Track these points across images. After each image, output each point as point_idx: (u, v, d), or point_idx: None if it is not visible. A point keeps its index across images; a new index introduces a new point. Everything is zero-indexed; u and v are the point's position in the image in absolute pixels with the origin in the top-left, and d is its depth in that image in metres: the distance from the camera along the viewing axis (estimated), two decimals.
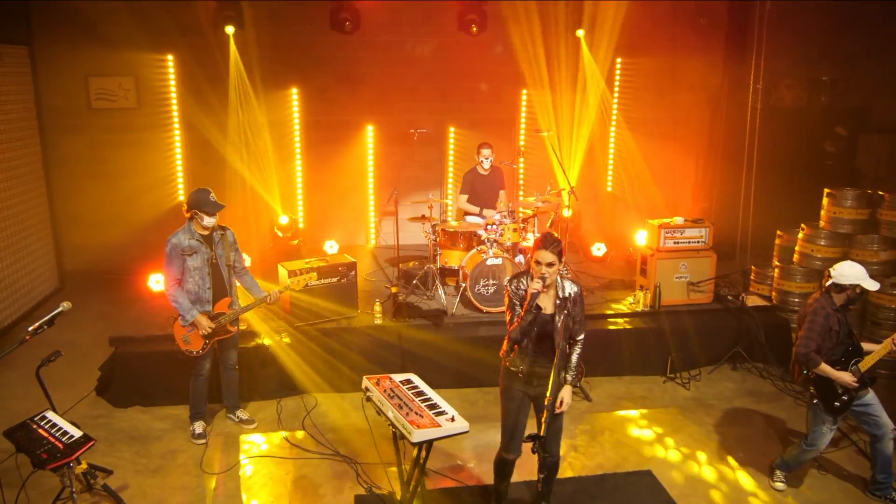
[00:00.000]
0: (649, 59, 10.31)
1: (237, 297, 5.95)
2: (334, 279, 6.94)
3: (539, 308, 4.32)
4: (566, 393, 4.45)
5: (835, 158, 10.16)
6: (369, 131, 10.08)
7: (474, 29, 9.27)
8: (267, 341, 6.74)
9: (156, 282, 7.80)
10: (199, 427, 5.98)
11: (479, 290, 7.20)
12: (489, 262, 7.15)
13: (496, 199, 8.31)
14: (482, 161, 8.16)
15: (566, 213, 8.76)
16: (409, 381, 4.56)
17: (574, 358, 4.54)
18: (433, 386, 6.64)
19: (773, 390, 6.87)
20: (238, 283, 6.00)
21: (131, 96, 9.47)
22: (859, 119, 10.18)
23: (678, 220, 7.44)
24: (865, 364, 4.89)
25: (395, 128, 10.13)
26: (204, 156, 9.62)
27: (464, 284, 7.27)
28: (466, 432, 4.11)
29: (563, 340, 4.38)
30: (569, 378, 4.49)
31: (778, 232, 8.13)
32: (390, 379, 4.57)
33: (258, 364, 6.65)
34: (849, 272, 4.88)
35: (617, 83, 10.51)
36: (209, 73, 9.33)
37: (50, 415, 4.27)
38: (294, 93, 9.74)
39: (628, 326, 7.23)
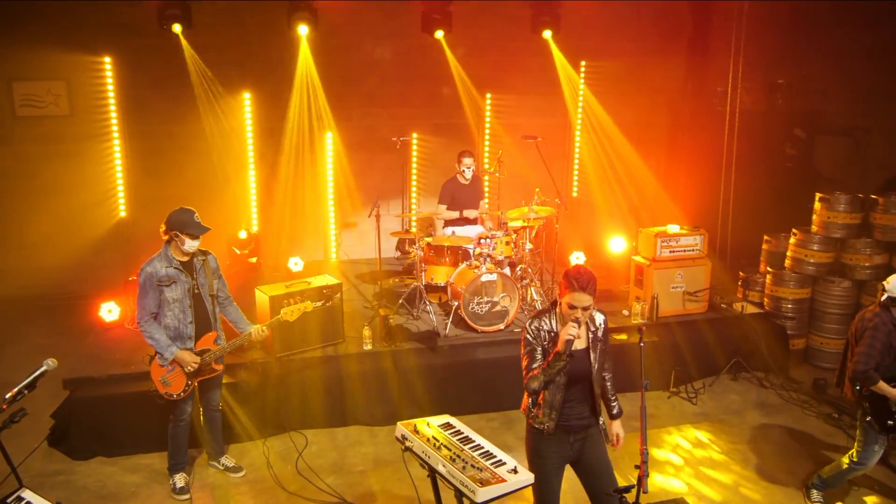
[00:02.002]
0: (613, 61, 10.09)
1: (222, 332, 5.27)
2: (319, 303, 6.31)
3: (572, 355, 3.71)
4: (619, 427, 4.11)
5: (794, 160, 10.26)
6: (328, 139, 9.43)
7: (440, 32, 8.79)
8: (246, 375, 6.07)
9: (108, 311, 6.95)
10: (180, 480, 5.27)
11: (473, 308, 6.74)
12: (484, 278, 6.69)
13: (477, 209, 7.88)
14: (464, 171, 7.71)
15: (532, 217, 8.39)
16: (449, 426, 4.04)
17: (611, 389, 4.13)
18: (435, 415, 6.21)
19: (778, 401, 6.71)
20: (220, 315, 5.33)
21: (63, 102, 8.50)
22: (815, 121, 10.32)
23: (673, 227, 7.21)
24: None
25: (355, 134, 9.56)
26: (148, 168, 8.77)
27: (456, 303, 6.79)
28: (532, 484, 3.64)
29: (601, 379, 3.97)
30: (615, 411, 4.12)
31: (765, 237, 8.05)
32: (428, 424, 4.04)
33: (238, 401, 5.97)
34: None
35: (581, 86, 10.26)
36: (152, 76, 8.52)
37: (27, 494, 3.52)
38: (246, 98, 8.99)
39: (627, 340, 6.92)
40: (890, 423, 4.72)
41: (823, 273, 7.32)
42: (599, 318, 3.99)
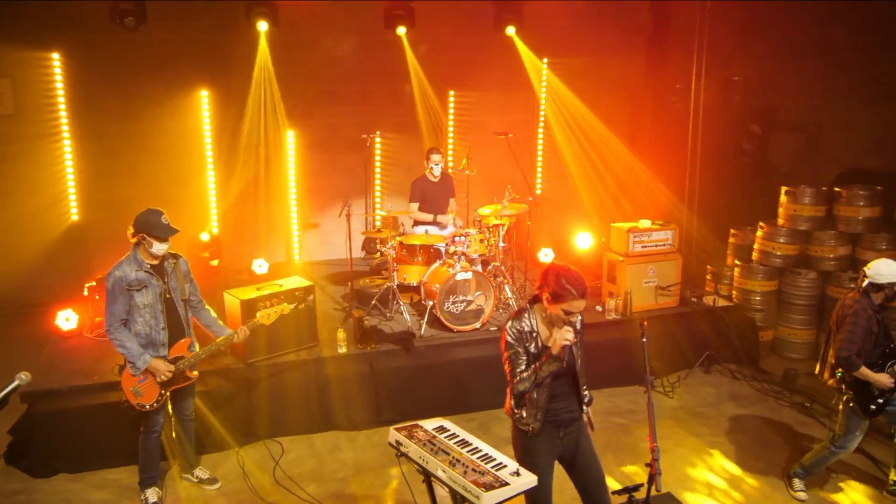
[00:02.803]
0: (574, 58, 10.12)
1: (195, 337, 5.03)
2: (291, 306, 6.11)
3: (561, 358, 3.63)
4: (590, 412, 4.04)
5: (751, 155, 10.47)
6: (289, 137, 9.20)
7: (402, 29, 8.68)
8: (217, 382, 5.83)
9: (65, 319, 6.60)
10: (152, 495, 5.01)
11: (448, 307, 6.63)
12: (459, 276, 6.59)
13: (447, 207, 7.78)
14: (432, 167, 7.60)
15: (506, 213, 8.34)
16: (443, 429, 3.92)
17: (582, 378, 3.93)
18: (413, 418, 6.10)
19: (751, 392, 6.80)
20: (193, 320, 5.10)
21: (7, 101, 8.06)
22: (769, 117, 10.54)
23: (645, 223, 7.24)
24: None
25: (316, 133, 9.37)
26: (100, 169, 8.39)
27: (431, 302, 6.67)
28: (536, 486, 3.55)
29: (583, 371, 3.88)
30: (587, 399, 3.99)
31: (732, 231, 8.17)
32: (422, 428, 3.91)
33: (209, 409, 5.71)
34: (886, 270, 4.73)
35: (544, 83, 10.26)
36: (104, 73, 8.17)
37: None
38: (204, 96, 8.69)
39: (602, 336, 6.91)
40: (872, 407, 4.80)
41: (790, 265, 7.46)
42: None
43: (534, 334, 3.78)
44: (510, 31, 9.20)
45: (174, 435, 5.23)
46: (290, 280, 6.42)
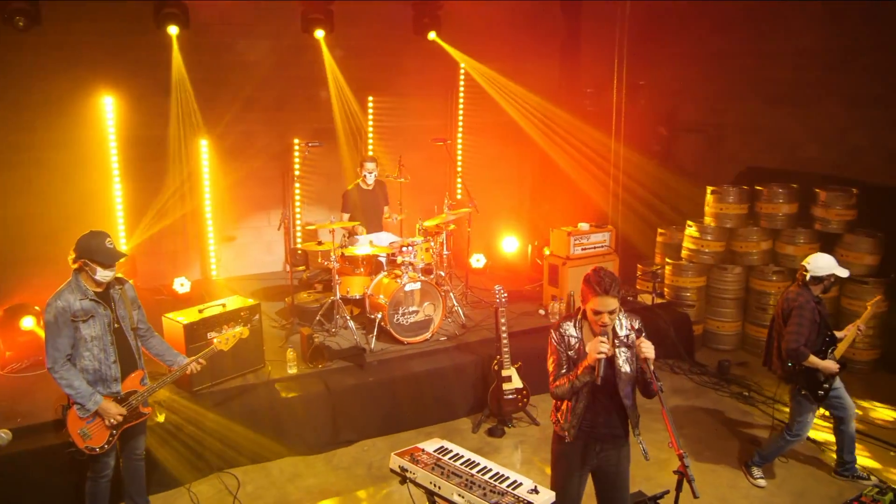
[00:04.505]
0: (490, 63, 10.16)
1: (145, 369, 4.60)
2: (246, 328, 5.71)
3: (596, 370, 3.56)
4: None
5: (659, 157, 10.90)
6: (202, 147, 8.66)
7: (320, 32, 8.39)
8: (161, 415, 5.36)
9: None
10: None
11: (398, 319, 6.45)
12: (408, 287, 6.42)
13: (381, 215, 7.59)
14: (366, 175, 7.38)
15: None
16: (445, 450, 3.76)
17: (650, 372, 3.72)
18: (372, 436, 5.90)
19: (691, 385, 7.05)
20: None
21: None
22: (673, 120, 11.02)
23: (583, 225, 7.35)
24: (838, 352, 5.12)
25: (230, 141, 8.87)
26: None
27: (379, 315, 6.46)
28: (560, 497, 3.47)
29: (629, 388, 3.80)
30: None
31: (660, 230, 8.44)
32: (423, 451, 3.73)
33: (154, 444, 5.23)
34: (823, 263, 5.01)
35: (462, 87, 10.24)
36: None
37: None
38: (107, 103, 8.01)
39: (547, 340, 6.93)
40: (820, 392, 5.08)
41: (717, 261, 7.80)
42: (629, 324, 3.80)
43: (576, 340, 3.73)
44: (432, 35, 9.11)
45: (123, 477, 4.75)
46: (231, 299, 6.02)
